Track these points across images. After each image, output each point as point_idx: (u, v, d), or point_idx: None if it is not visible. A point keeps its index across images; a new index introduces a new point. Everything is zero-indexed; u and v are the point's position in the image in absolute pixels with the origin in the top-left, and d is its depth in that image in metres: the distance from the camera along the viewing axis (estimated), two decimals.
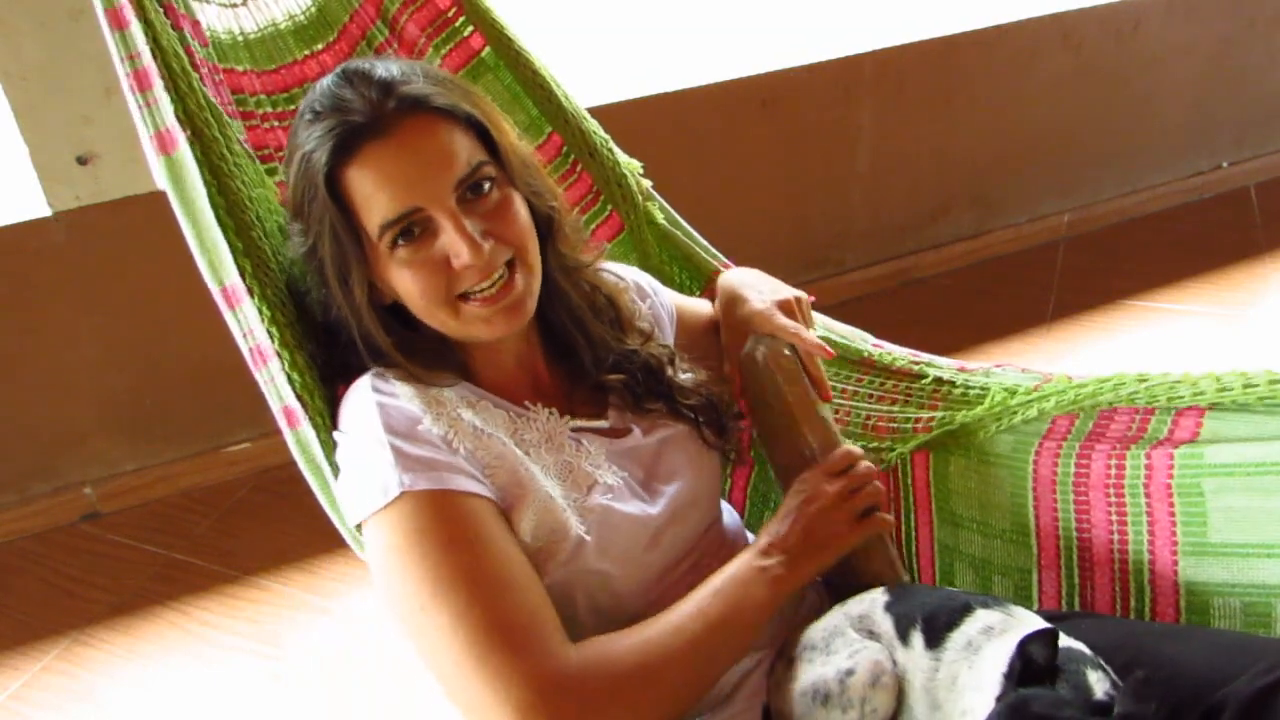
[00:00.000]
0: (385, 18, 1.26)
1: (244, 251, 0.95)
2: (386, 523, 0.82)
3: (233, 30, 1.19)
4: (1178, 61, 2.91)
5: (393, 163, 0.84)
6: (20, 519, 2.04)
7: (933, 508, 1.12)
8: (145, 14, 0.98)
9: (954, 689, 0.84)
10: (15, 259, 1.90)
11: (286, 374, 0.93)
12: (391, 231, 0.85)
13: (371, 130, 0.84)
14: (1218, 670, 0.80)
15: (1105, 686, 0.78)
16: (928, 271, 2.82)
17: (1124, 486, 0.96)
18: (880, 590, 0.96)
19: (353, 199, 0.86)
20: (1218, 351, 2.36)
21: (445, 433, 0.86)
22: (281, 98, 1.20)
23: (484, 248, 0.85)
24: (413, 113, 0.85)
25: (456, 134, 0.87)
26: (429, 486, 0.82)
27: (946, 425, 1.08)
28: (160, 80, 0.96)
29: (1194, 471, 0.91)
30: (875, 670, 0.87)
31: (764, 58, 2.42)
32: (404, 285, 0.87)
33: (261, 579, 1.87)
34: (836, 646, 0.90)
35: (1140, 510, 0.95)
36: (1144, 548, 0.95)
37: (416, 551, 0.80)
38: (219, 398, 2.10)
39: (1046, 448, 1.01)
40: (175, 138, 0.97)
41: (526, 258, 0.90)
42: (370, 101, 0.84)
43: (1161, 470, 0.93)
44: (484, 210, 0.87)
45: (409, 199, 0.84)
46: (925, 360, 1.16)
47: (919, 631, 0.88)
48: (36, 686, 1.69)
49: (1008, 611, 0.87)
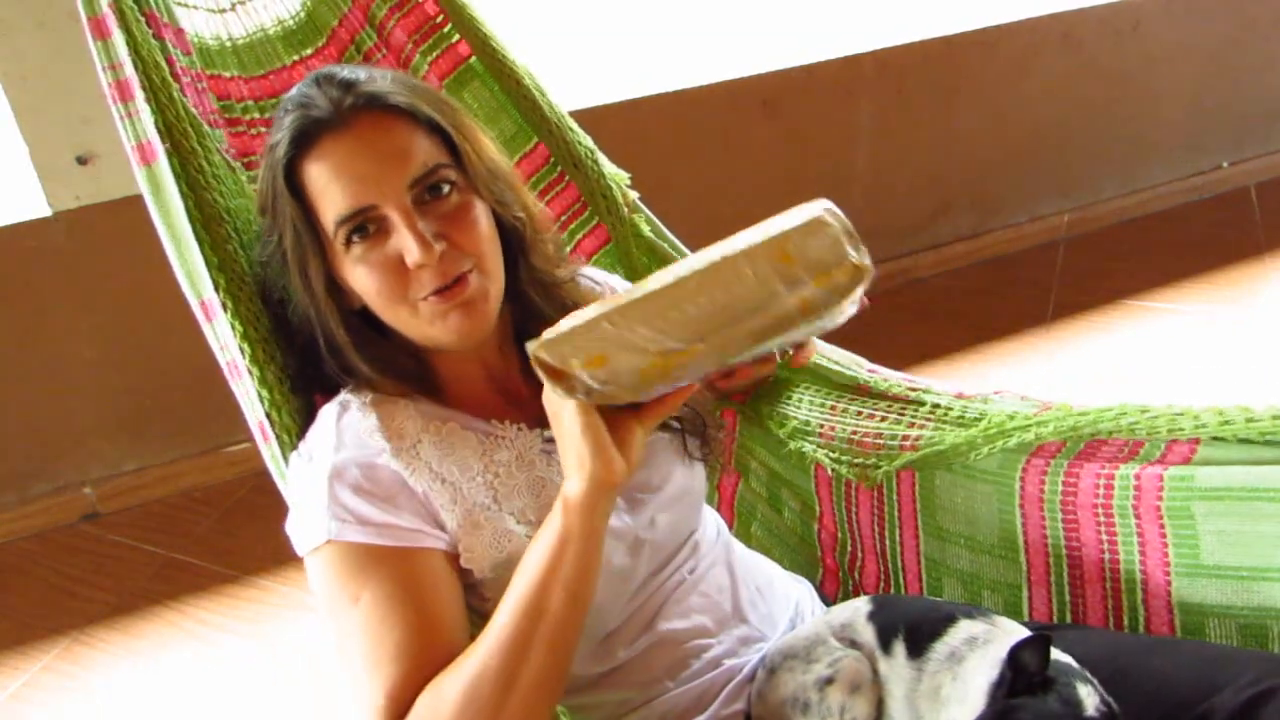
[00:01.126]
0: (373, 23, 1.25)
1: (219, 266, 0.96)
2: (312, 565, 0.85)
3: (220, 36, 1.19)
4: (1178, 61, 2.91)
5: (347, 156, 0.84)
6: (20, 519, 2.04)
7: (919, 522, 1.10)
8: (127, 24, 0.99)
9: (937, 700, 0.84)
10: (15, 259, 1.90)
11: (257, 390, 0.94)
12: (345, 227, 0.85)
13: (329, 124, 0.84)
14: (1203, 682, 0.80)
15: (1095, 701, 0.77)
16: (928, 271, 2.82)
17: (1112, 506, 0.94)
18: (864, 599, 0.96)
19: (310, 193, 0.86)
20: (1217, 351, 2.36)
21: (402, 470, 0.87)
22: (269, 103, 1.20)
23: (435, 248, 0.84)
24: (370, 109, 0.85)
25: (417, 135, 0.87)
26: (354, 540, 0.83)
27: (935, 445, 1.05)
28: (141, 91, 0.97)
29: (1184, 495, 0.89)
30: (854, 679, 0.87)
31: (764, 58, 2.42)
32: (361, 283, 0.87)
33: (261, 579, 1.88)
34: (817, 655, 0.90)
35: (1130, 530, 0.93)
36: (1135, 566, 0.94)
37: (334, 598, 0.83)
38: (219, 398, 2.08)
39: (1034, 465, 0.99)
40: (155, 149, 0.97)
41: (485, 264, 0.89)
42: (332, 98, 0.85)
43: (1150, 492, 0.91)
44: (440, 212, 0.86)
45: (363, 195, 0.84)
46: (922, 387, 1.13)
47: (901, 641, 0.88)
48: (36, 686, 1.69)
49: (992, 622, 0.87)
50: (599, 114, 1.34)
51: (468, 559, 0.87)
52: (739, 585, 1.02)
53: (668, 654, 0.94)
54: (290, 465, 0.92)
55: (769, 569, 1.10)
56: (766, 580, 1.07)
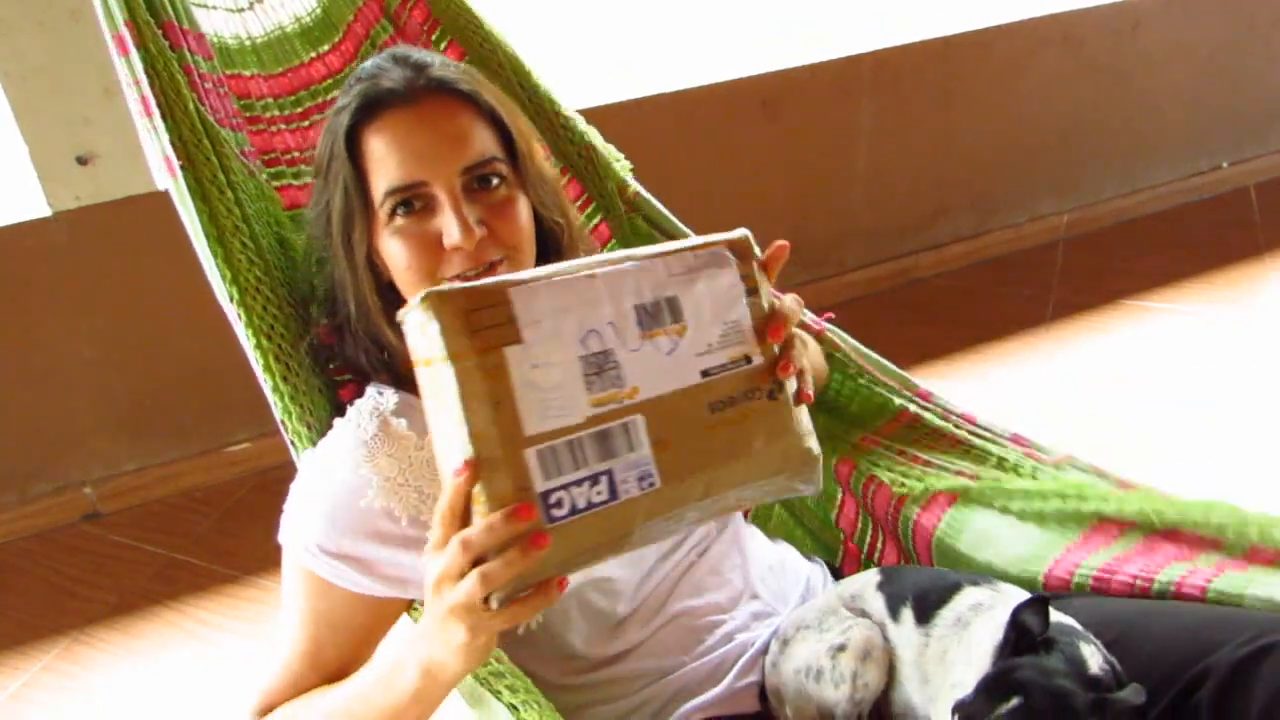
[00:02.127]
0: (388, 13, 1.26)
1: (232, 279, 0.99)
2: (283, 553, 0.91)
3: (240, 35, 1.20)
4: (1178, 61, 2.91)
5: (409, 131, 0.87)
6: (20, 519, 2.04)
7: (932, 552, 1.08)
8: (144, 40, 1.01)
9: (944, 663, 0.86)
10: (15, 259, 1.90)
11: (271, 396, 0.98)
12: (394, 198, 0.87)
13: (397, 97, 0.87)
14: (1201, 642, 0.81)
15: (1099, 661, 0.79)
16: (928, 271, 2.82)
17: (1152, 583, 0.90)
18: (873, 570, 0.98)
19: (367, 160, 0.88)
20: (1217, 352, 2.36)
21: (387, 505, 0.88)
22: (288, 100, 1.21)
23: (475, 233, 0.85)
24: (439, 91, 0.88)
25: (478, 124, 0.89)
26: (309, 567, 0.87)
27: (999, 483, 1.02)
28: (158, 109, 1.00)
29: (1240, 584, 0.86)
30: (866, 645, 0.89)
31: (764, 58, 2.42)
32: (393, 255, 0.89)
33: (261, 579, 1.88)
34: (829, 624, 0.93)
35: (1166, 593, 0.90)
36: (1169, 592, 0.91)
37: (283, 588, 0.91)
38: (219, 398, 2.10)
39: (1102, 528, 0.96)
40: (174, 164, 1.01)
41: (518, 258, 0.90)
42: (404, 75, 0.88)
43: (1200, 574, 0.89)
44: (487, 203, 0.88)
45: (417, 170, 0.86)
46: (984, 431, 1.10)
47: (909, 609, 0.91)
48: (36, 686, 1.69)
49: (996, 589, 0.90)
50: (599, 114, 1.34)
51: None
52: (749, 563, 1.03)
53: (681, 631, 0.96)
54: (300, 468, 0.95)
55: (781, 550, 1.12)
56: (778, 560, 1.08)
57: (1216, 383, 2.22)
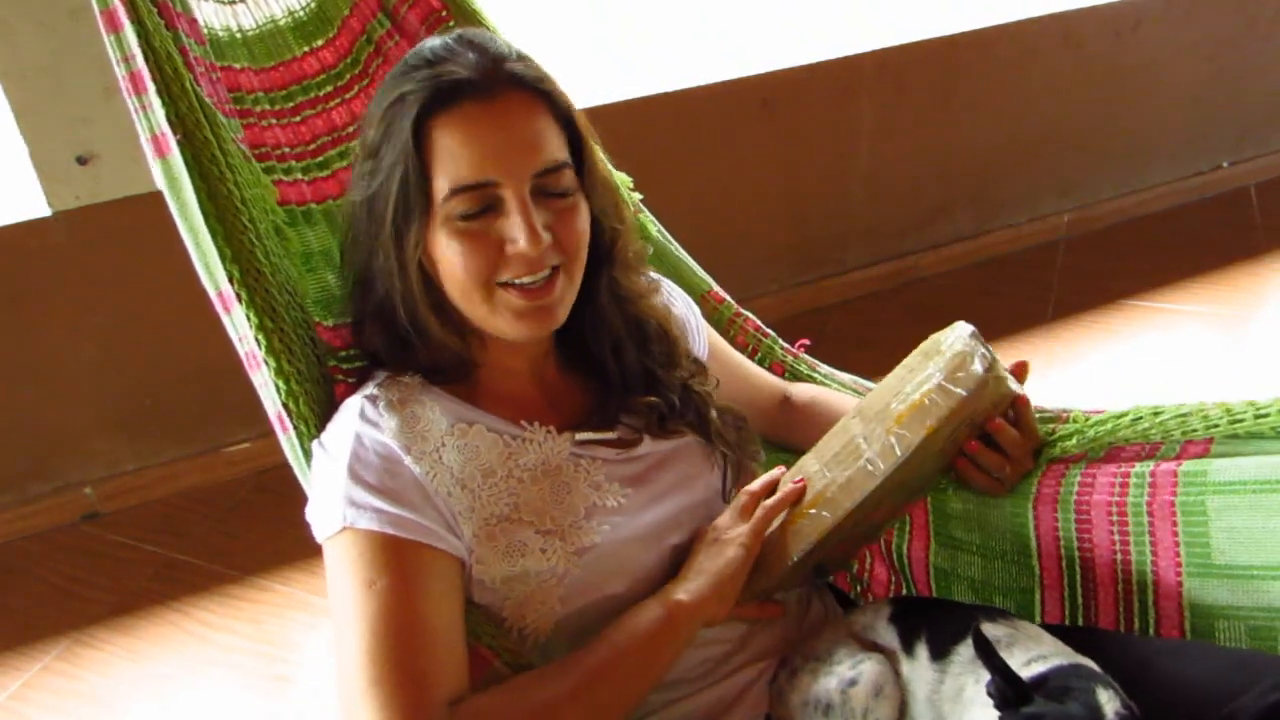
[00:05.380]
0: (386, 9, 1.25)
1: (233, 257, 0.95)
2: (330, 551, 0.84)
3: (230, 27, 1.18)
4: (1178, 61, 2.91)
5: (485, 127, 0.83)
6: (20, 519, 2.04)
7: (930, 533, 1.09)
8: (139, 15, 0.97)
9: (959, 702, 0.83)
10: (15, 259, 1.90)
11: (274, 381, 0.94)
12: (460, 197, 0.83)
13: (476, 89, 0.83)
14: (1221, 687, 0.80)
15: (1116, 706, 0.76)
16: (928, 271, 2.82)
17: (1126, 504, 0.94)
18: (885, 601, 0.95)
19: (433, 152, 0.84)
20: (1217, 351, 2.36)
21: (423, 474, 0.86)
22: (279, 95, 1.19)
23: (543, 240, 0.84)
24: (519, 87, 0.85)
25: (552, 126, 0.87)
26: (368, 527, 0.82)
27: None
28: (153, 84, 0.96)
29: (1198, 489, 0.90)
30: (878, 681, 0.86)
31: (764, 58, 2.42)
32: (449, 257, 0.86)
33: (261, 579, 1.87)
34: (839, 657, 0.90)
35: (1143, 529, 0.93)
36: (1148, 567, 0.93)
37: (344, 583, 0.82)
38: (219, 398, 2.10)
39: (1052, 470, 0.99)
40: (168, 141, 0.97)
41: (573, 268, 0.89)
42: (482, 64, 0.84)
43: (1165, 488, 0.92)
44: (554, 209, 0.87)
45: (489, 170, 0.83)
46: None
47: (924, 643, 0.88)
48: (36, 686, 1.69)
49: (1013, 625, 0.87)
50: (599, 114, 1.33)
51: (480, 569, 0.87)
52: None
53: (687, 656, 0.93)
54: (313, 454, 0.91)
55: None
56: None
57: (1217, 382, 2.22)
